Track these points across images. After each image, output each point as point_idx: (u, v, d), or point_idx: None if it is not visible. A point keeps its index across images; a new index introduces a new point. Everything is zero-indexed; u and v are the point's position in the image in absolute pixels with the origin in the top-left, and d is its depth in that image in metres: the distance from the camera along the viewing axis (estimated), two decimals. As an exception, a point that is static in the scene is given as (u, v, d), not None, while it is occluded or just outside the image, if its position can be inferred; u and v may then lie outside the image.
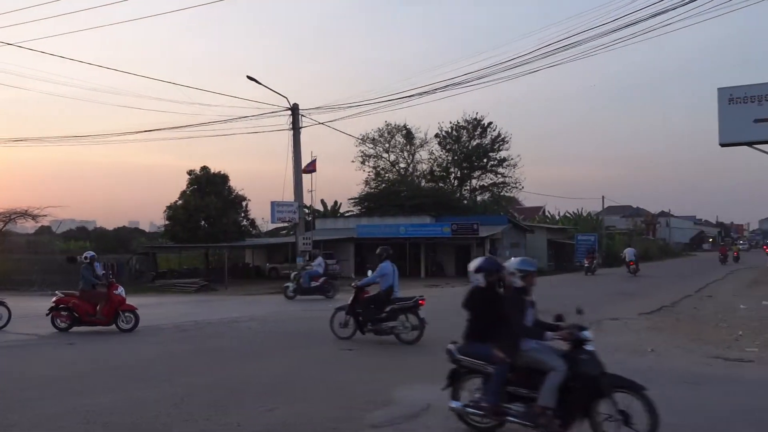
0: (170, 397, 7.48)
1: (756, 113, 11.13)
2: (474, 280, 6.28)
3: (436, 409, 6.86)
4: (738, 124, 11.31)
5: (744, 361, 10.06)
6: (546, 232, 47.54)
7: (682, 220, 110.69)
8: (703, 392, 7.95)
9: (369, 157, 55.93)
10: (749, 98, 11.21)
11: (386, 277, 11.84)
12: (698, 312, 17.29)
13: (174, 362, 10.10)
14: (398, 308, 11.61)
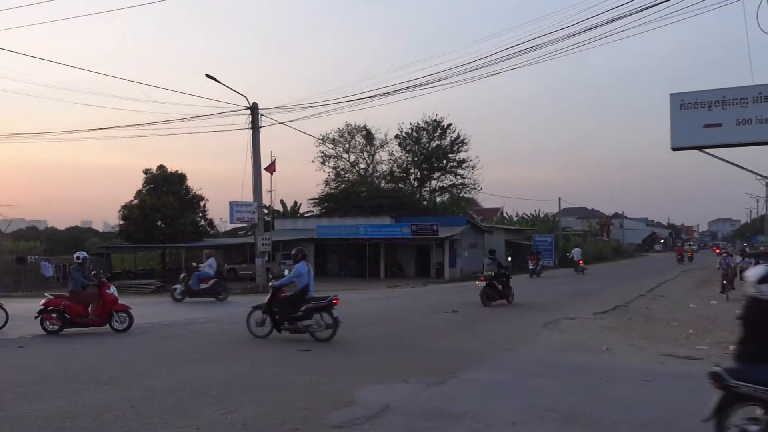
0: (128, 400, 7.34)
1: (706, 118, 11.49)
2: (758, 291, 5.11)
3: (396, 409, 6.90)
4: (689, 129, 11.65)
5: (694, 359, 10.39)
6: (504, 233, 48.15)
7: (635, 222, 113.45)
8: (656, 389, 8.17)
9: (329, 158, 55.89)
10: (699, 104, 11.56)
11: (302, 277, 12.21)
12: (650, 311, 17.78)
13: (131, 365, 9.90)
14: (313, 307, 12.03)
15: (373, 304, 21.15)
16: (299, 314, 12.04)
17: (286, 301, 12.27)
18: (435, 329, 13.94)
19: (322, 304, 12.01)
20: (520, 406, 7.07)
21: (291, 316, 12.09)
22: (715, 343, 11.90)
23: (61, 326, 13.43)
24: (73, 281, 13.83)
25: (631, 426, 6.37)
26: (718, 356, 10.62)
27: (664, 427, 6.32)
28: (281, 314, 12.17)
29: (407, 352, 10.90)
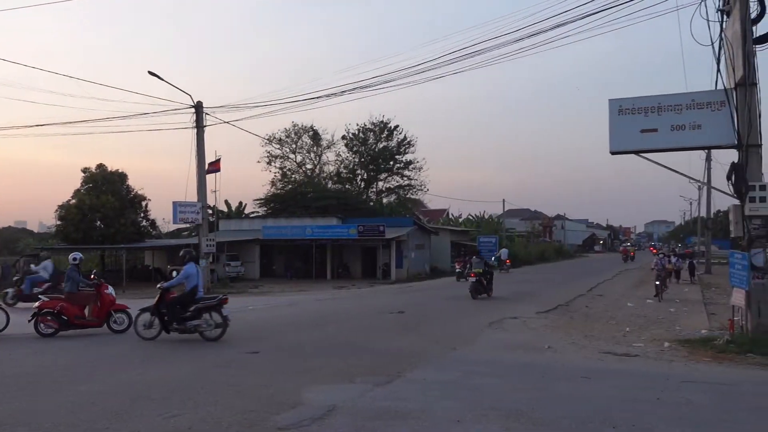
0: (68, 406, 7.12)
1: (643, 124, 11.90)
2: None
3: (342, 410, 6.91)
4: (627, 134, 12.04)
5: (631, 356, 10.77)
6: (450, 233, 48.71)
7: (576, 223, 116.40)
8: (594, 385, 8.44)
9: (275, 158, 55.40)
10: (637, 109, 11.97)
11: (191, 278, 12.40)
12: (590, 310, 18.31)
13: (72, 369, 9.60)
14: (202, 307, 12.21)
15: (319, 305, 21.09)
16: (188, 314, 12.18)
17: (175, 302, 12.37)
18: (382, 330, 14.01)
19: (211, 304, 12.22)
20: (465, 405, 7.18)
21: (180, 316, 12.21)
22: (651, 341, 12.37)
23: (57, 328, 13.14)
24: (70, 282, 13.61)
25: (572, 422, 6.55)
26: (654, 353, 11.07)
27: (603, 423, 6.52)
28: (170, 315, 12.25)
29: (354, 352, 10.92)
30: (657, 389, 8.11)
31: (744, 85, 11.15)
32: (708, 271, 38.78)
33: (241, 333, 13.35)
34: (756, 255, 11.18)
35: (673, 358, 10.60)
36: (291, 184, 52.53)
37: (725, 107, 11.39)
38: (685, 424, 6.52)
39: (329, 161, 56.84)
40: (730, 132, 11.36)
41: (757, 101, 11.19)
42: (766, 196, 11.17)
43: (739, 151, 11.33)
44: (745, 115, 11.12)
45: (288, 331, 13.53)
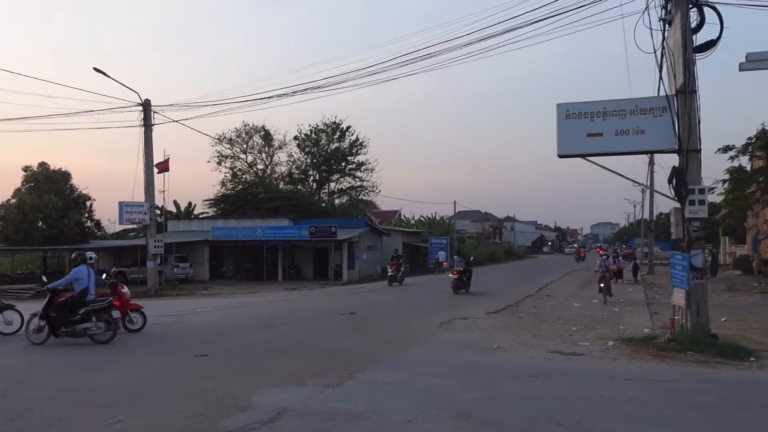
0: (6, 414, 6.87)
1: (589, 128, 12.20)
2: None
3: (293, 413, 6.88)
4: (573, 138, 12.31)
5: (577, 355, 11.03)
6: (402, 235, 48.93)
7: (525, 225, 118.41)
8: (542, 384, 8.61)
9: (226, 158, 54.54)
10: (583, 114, 12.27)
11: (80, 280, 12.23)
12: (538, 310, 18.66)
13: (10, 376, 9.26)
14: (92, 310, 12.07)
15: (270, 306, 20.91)
16: (77, 318, 12.00)
17: (64, 305, 12.14)
18: (333, 331, 13.97)
19: (101, 307, 12.09)
20: (416, 405, 7.23)
21: (68, 319, 12.01)
22: (596, 340, 12.69)
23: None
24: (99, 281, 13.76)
25: (520, 420, 6.68)
26: (598, 352, 11.36)
27: (550, 421, 6.66)
28: (58, 318, 12.04)
29: (305, 354, 10.87)
30: (601, 387, 8.34)
31: (684, 92, 11.55)
32: (651, 272, 40.00)
33: (189, 336, 13.14)
34: (695, 256, 11.58)
35: (617, 356, 10.90)
36: (242, 185, 51.83)
37: (667, 113, 11.77)
38: (627, 420, 6.73)
39: (281, 162, 56.36)
40: (672, 137, 11.74)
41: (696, 108, 11.60)
42: (705, 199, 11.61)
43: (680, 155, 11.72)
44: (685, 121, 11.51)
45: (238, 333, 13.35)
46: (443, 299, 21.87)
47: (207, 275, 38.07)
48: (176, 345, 11.80)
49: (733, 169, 32.95)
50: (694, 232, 11.62)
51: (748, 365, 10.08)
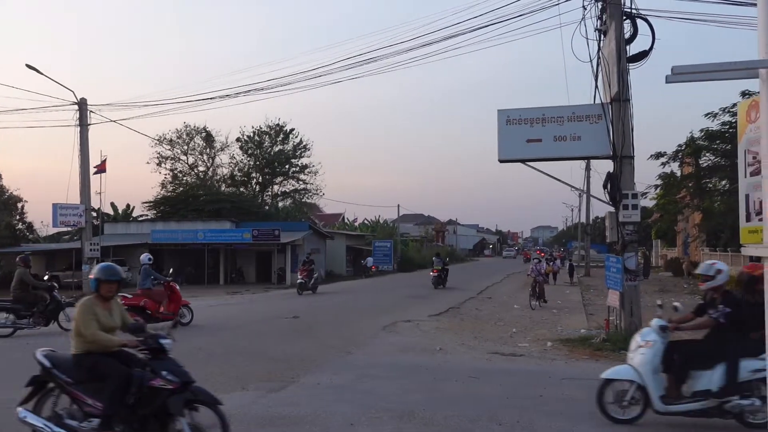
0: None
1: (528, 134, 12.50)
2: None
3: (234, 418, 6.76)
4: (514, 143, 12.59)
5: (516, 356, 11.27)
6: (345, 238, 48.87)
7: (467, 228, 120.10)
8: (483, 385, 8.77)
9: (166, 159, 53.27)
10: (523, 120, 12.56)
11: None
12: (480, 312, 18.96)
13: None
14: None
15: (212, 311, 20.51)
16: None
17: None
18: (276, 335, 13.84)
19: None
20: (358, 408, 7.26)
21: None
22: (535, 341, 13.00)
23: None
24: (153, 279, 15.12)
25: (462, 421, 6.79)
26: (537, 352, 11.64)
27: (490, 420, 6.80)
28: None
29: (247, 359, 10.73)
30: (540, 386, 8.56)
31: (619, 100, 11.98)
32: (587, 274, 41.22)
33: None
34: (629, 258, 12.02)
35: (555, 356, 11.20)
36: (182, 187, 50.75)
37: (602, 120, 12.17)
38: (564, 418, 6.93)
39: (223, 164, 55.46)
40: (607, 144, 12.15)
41: (630, 116, 12.06)
42: (638, 204, 12.07)
43: (614, 161, 12.15)
44: (619, 128, 11.94)
45: (178, 338, 12.98)
46: (385, 302, 21.96)
47: (145, 279, 37.07)
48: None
49: (664, 174, 34.32)
50: (628, 236, 12.05)
51: (678, 363, 10.51)
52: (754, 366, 6.24)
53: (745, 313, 6.45)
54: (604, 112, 12.15)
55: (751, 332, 6.31)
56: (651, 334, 6.71)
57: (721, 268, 6.89)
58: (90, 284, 5.85)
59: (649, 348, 6.59)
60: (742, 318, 6.46)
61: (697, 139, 30.26)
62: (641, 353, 6.62)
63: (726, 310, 6.55)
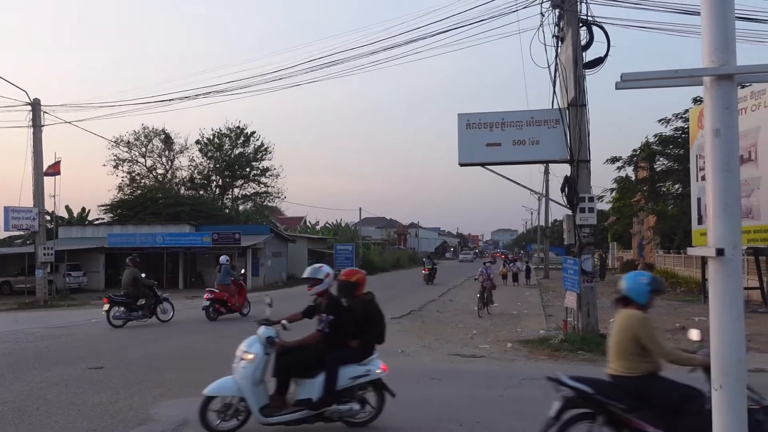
0: None
1: (488, 138, 12.67)
2: None
3: (194, 423, 6.70)
4: (474, 147, 12.75)
5: (477, 357, 11.40)
6: (307, 241, 48.66)
7: (429, 231, 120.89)
8: (444, 386, 8.85)
9: (123, 162, 52.21)
10: (483, 124, 12.73)
11: None
12: (441, 315, 19.11)
13: None
14: None
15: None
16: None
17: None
18: (236, 339, 13.59)
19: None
20: (321, 411, 7.23)
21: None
22: (495, 342, 13.16)
23: (223, 314, 17.34)
24: (227, 277, 17.72)
25: (423, 422, 6.85)
26: (498, 353, 11.78)
27: (451, 421, 6.87)
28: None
29: (207, 363, 10.59)
30: (500, 387, 8.68)
31: (575, 105, 12.25)
32: (546, 276, 41.86)
33: (82, 348, 12.51)
34: (585, 260, 12.28)
35: (515, 357, 11.36)
36: (140, 190, 49.85)
37: (560, 125, 12.42)
38: (523, 417, 7.03)
39: (182, 166, 54.63)
40: (564, 148, 12.41)
41: (586, 121, 12.33)
42: (594, 207, 12.33)
43: (571, 165, 12.41)
44: (576, 133, 12.21)
45: (136, 343, 12.83)
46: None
47: (102, 284, 36.30)
48: (67, 358, 11.19)
49: (620, 178, 35.14)
50: (584, 238, 12.30)
51: (633, 362, 10.77)
52: (354, 373, 6.41)
53: (344, 320, 6.50)
54: (562, 117, 12.39)
55: (351, 340, 6.47)
56: (255, 346, 6.49)
57: (328, 272, 6.79)
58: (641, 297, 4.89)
59: (250, 362, 6.35)
60: (342, 325, 6.47)
61: (651, 144, 31.10)
62: (243, 366, 6.36)
63: (329, 317, 6.48)
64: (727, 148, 1.95)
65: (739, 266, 1.94)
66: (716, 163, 1.95)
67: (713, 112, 1.98)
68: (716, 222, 1.96)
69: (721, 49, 1.95)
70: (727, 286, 1.93)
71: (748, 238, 18.86)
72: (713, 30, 1.95)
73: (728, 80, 1.95)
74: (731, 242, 1.95)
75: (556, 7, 12.70)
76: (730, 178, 1.94)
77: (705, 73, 1.96)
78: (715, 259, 1.95)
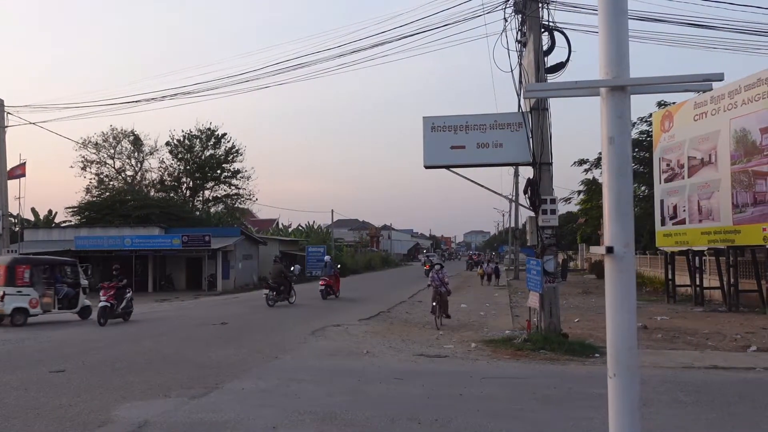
0: None
1: (452, 141, 12.84)
2: None
3: (155, 425, 6.75)
4: (439, 150, 12.90)
5: (441, 357, 11.55)
6: (279, 244, 48.49)
7: (402, 233, 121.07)
8: (406, 386, 8.97)
9: (91, 163, 51.48)
10: (447, 127, 12.89)
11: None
12: (409, 316, 19.25)
13: None
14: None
15: (140, 318, 20.03)
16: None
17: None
18: (202, 342, 13.66)
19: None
20: (282, 411, 7.33)
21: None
22: (460, 342, 13.33)
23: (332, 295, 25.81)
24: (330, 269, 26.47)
25: (382, 421, 6.95)
26: (462, 353, 11.95)
27: (410, 419, 6.99)
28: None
29: (171, 366, 10.59)
30: (461, 386, 8.83)
31: (537, 109, 12.48)
32: (516, 277, 42.30)
33: (44, 352, 12.38)
34: (548, 261, 12.50)
35: (478, 357, 11.53)
36: (109, 192, 49.17)
37: (523, 129, 12.64)
38: (481, 415, 7.19)
39: (152, 168, 54.04)
40: (527, 151, 12.63)
41: (548, 125, 12.57)
42: (556, 209, 12.57)
43: (534, 168, 12.64)
44: (538, 136, 12.44)
45: (99, 347, 12.74)
46: (317, 307, 21.97)
47: (69, 288, 35.78)
48: (28, 362, 11.08)
49: (587, 180, 35.70)
50: (547, 239, 12.53)
51: (593, 361, 11.03)
52: None
53: None
54: (524, 120, 12.61)
55: None
56: None
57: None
58: None
59: None
60: None
61: (617, 147, 31.62)
62: None
63: None
64: (620, 155, 2.09)
65: (631, 263, 2.08)
66: (611, 168, 2.10)
67: (608, 120, 2.12)
68: (611, 222, 2.11)
69: (615, 61, 2.09)
70: (620, 282, 2.07)
71: (709, 239, 19.37)
72: (608, 44, 2.09)
73: (621, 91, 2.09)
74: (623, 241, 2.09)
75: (519, 13, 12.94)
76: (622, 182, 2.08)
77: (600, 84, 2.10)
78: (608, 256, 2.10)
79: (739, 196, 17.93)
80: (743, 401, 8.01)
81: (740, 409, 7.62)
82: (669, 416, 7.08)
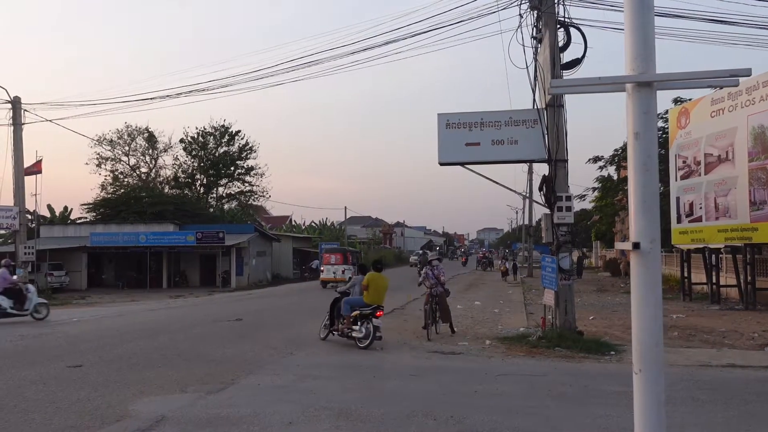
0: None
1: (467, 138, 12.81)
2: None
3: (171, 420, 6.79)
4: (453, 147, 12.88)
5: (456, 354, 11.54)
6: (292, 240, 48.66)
7: (415, 230, 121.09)
8: (421, 382, 8.98)
9: (106, 160, 51.97)
10: (462, 124, 12.86)
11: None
12: (423, 313, 19.20)
13: None
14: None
15: (153, 315, 20.21)
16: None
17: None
18: (217, 338, 13.75)
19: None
20: (297, 407, 7.35)
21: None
22: (475, 339, 13.32)
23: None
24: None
25: (398, 417, 6.96)
26: (476, 350, 11.94)
27: (426, 416, 6.99)
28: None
29: (187, 362, 10.66)
30: (476, 383, 8.82)
31: (553, 106, 12.41)
32: (530, 275, 42.19)
33: (62, 347, 12.51)
34: (563, 259, 12.45)
35: (493, 354, 11.51)
36: (123, 189, 49.61)
37: (538, 125, 12.58)
38: (496, 412, 7.18)
39: (166, 165, 54.45)
40: (542, 148, 12.57)
41: (563, 121, 12.50)
42: (571, 206, 12.50)
43: (549, 165, 12.57)
44: (553, 133, 12.37)
45: (116, 342, 12.85)
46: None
47: (85, 283, 36.18)
48: (47, 357, 11.20)
49: (602, 178, 35.47)
50: (562, 237, 12.48)
51: (608, 359, 10.97)
52: None
53: None
54: (540, 117, 12.55)
55: None
56: None
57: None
58: None
59: None
60: None
61: (632, 144, 31.39)
62: None
63: None
64: (646, 150, 2.08)
65: (657, 258, 2.07)
66: (636, 164, 2.09)
67: (634, 116, 2.11)
68: (636, 218, 2.10)
69: (641, 57, 2.08)
70: (646, 277, 2.06)
71: (725, 237, 19.18)
72: (635, 39, 2.08)
73: (647, 87, 2.08)
74: (649, 236, 2.08)
75: (534, 9, 12.86)
76: (648, 177, 2.07)
77: (626, 80, 2.09)
78: (634, 252, 2.09)
79: (757, 193, 17.73)
80: (760, 399, 7.94)
81: (758, 407, 7.55)
82: (686, 414, 7.02)
